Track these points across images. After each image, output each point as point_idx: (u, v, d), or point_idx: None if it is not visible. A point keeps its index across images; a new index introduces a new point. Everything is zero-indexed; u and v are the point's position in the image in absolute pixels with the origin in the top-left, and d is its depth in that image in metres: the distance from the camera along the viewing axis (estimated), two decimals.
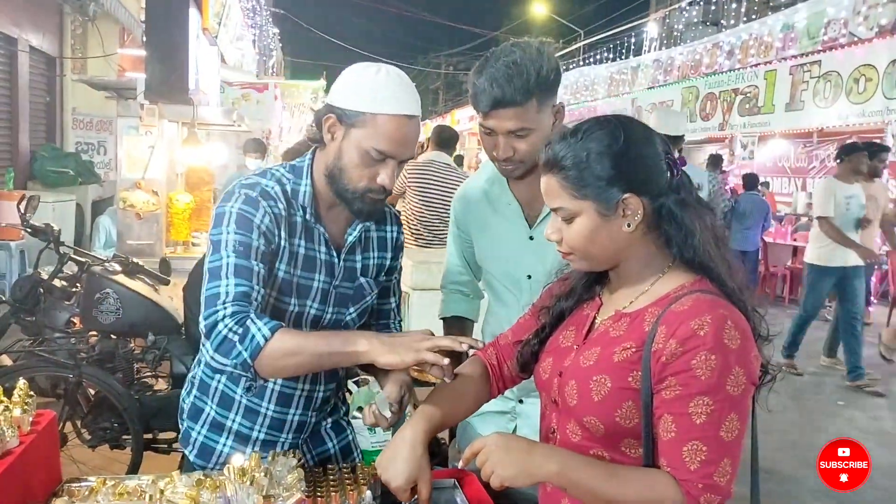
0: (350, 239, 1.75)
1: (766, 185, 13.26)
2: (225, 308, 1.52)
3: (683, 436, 1.22)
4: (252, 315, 1.51)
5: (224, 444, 1.80)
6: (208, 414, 1.82)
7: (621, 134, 1.31)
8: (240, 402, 1.79)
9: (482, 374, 1.61)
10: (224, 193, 1.68)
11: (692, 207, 1.34)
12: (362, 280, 1.79)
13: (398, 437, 1.45)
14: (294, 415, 1.81)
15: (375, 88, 1.58)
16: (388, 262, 1.85)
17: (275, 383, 1.77)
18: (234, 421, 1.80)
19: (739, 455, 1.24)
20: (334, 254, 1.74)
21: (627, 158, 1.30)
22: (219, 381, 1.80)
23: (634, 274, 1.38)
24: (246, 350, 1.49)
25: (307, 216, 1.69)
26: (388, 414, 1.59)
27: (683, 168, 1.38)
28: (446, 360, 1.44)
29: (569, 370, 1.39)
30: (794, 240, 11.50)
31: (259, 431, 1.80)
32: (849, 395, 6.42)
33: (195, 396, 1.85)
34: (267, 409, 1.78)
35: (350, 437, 1.97)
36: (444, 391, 1.53)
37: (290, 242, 1.67)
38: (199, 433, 1.83)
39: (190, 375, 1.89)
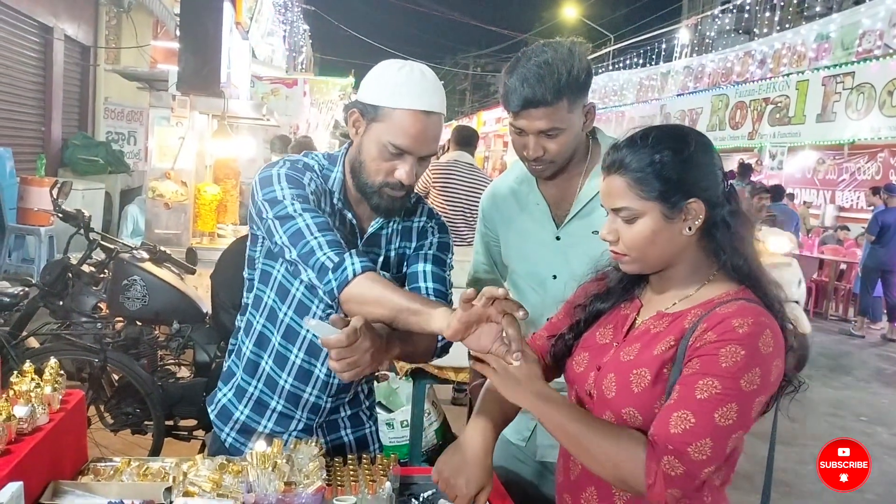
0: (370, 230, 1.77)
1: (792, 196, 13.13)
2: (316, 238, 1.57)
3: (680, 404, 1.27)
4: (353, 253, 1.55)
5: (241, 412, 1.85)
6: (237, 379, 1.88)
7: (692, 141, 1.37)
8: (263, 370, 1.83)
9: None
10: (265, 167, 1.74)
11: (742, 218, 1.39)
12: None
13: (466, 442, 1.44)
14: (310, 395, 1.82)
15: (395, 84, 1.62)
16: (410, 251, 1.84)
17: (296, 357, 1.79)
18: (255, 388, 1.84)
19: (725, 448, 1.26)
20: (359, 243, 1.76)
21: (694, 165, 1.36)
22: (247, 348, 1.85)
23: (680, 279, 1.42)
24: (335, 279, 1.53)
25: (335, 200, 1.74)
26: (337, 330, 1.42)
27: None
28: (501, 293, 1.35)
29: (608, 365, 1.42)
30: (822, 252, 11.37)
31: (277, 402, 1.83)
32: (872, 410, 6.35)
33: (232, 361, 1.92)
34: (286, 381, 1.81)
35: (367, 430, 1.97)
36: (495, 394, 1.52)
37: (328, 214, 1.70)
38: (224, 395, 1.90)
39: (231, 341, 1.95)
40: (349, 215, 1.75)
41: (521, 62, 1.77)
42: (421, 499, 1.65)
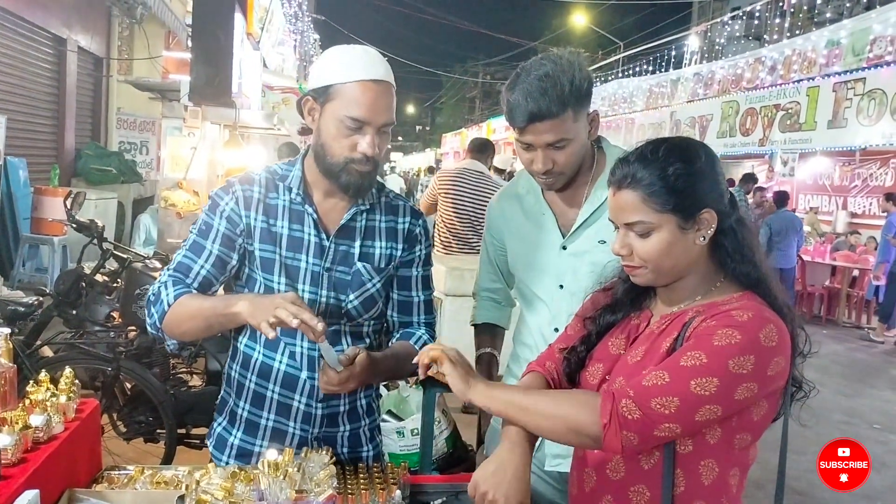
0: (341, 222, 1.78)
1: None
2: (165, 275, 1.73)
3: (661, 367, 1.29)
4: (169, 283, 1.70)
5: (235, 436, 1.85)
6: (229, 405, 1.88)
7: (702, 153, 1.40)
8: (249, 388, 1.83)
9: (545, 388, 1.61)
10: None
11: (746, 225, 1.43)
12: (359, 265, 1.80)
13: (504, 457, 1.43)
14: (299, 402, 1.81)
15: (341, 62, 1.68)
16: (399, 253, 1.86)
17: (279, 363, 1.79)
18: (244, 409, 1.84)
19: (693, 414, 1.27)
20: (324, 236, 1.77)
21: (705, 176, 1.38)
22: (235, 372, 1.86)
23: (689, 289, 1.44)
24: (157, 312, 1.70)
25: (293, 196, 1.77)
26: (338, 367, 1.61)
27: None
28: (319, 326, 1.50)
29: (616, 370, 1.44)
30: (833, 259, 11.31)
31: (267, 419, 1.82)
32: (886, 418, 6.30)
33: (224, 389, 1.92)
34: (273, 391, 1.81)
35: (366, 453, 1.93)
36: None
37: (270, 223, 1.75)
38: (219, 424, 1.90)
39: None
40: (310, 210, 1.76)
41: (521, 77, 1.78)
42: None
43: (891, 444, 5.64)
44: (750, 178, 11.95)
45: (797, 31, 15.72)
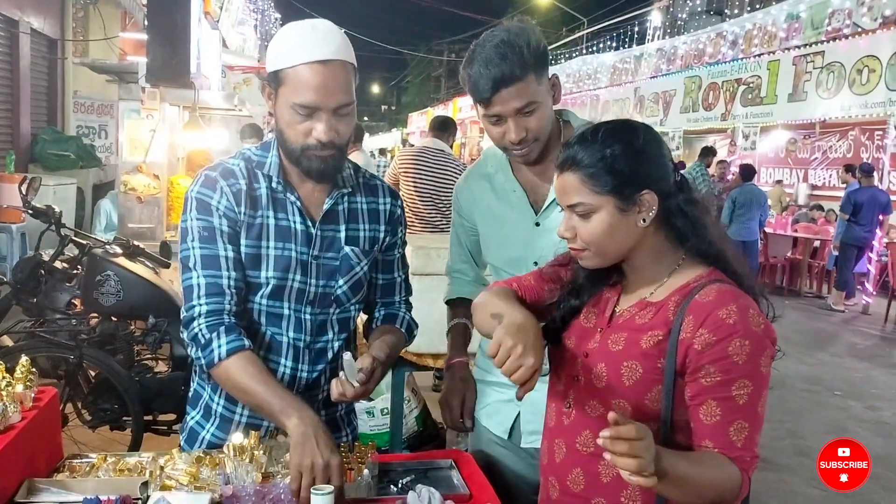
0: (325, 207, 1.73)
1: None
2: (200, 304, 1.62)
3: (729, 416, 1.31)
4: (225, 324, 1.62)
5: (208, 431, 1.79)
6: (204, 399, 1.82)
7: (641, 135, 1.40)
8: None
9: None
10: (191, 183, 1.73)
11: (699, 204, 1.44)
12: (347, 249, 1.76)
13: (518, 316, 1.38)
14: None
15: (287, 45, 1.61)
16: (381, 235, 1.83)
17: (257, 355, 1.74)
18: (218, 404, 1.79)
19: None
20: (309, 223, 1.72)
21: (645, 157, 1.39)
22: None
23: (647, 266, 1.45)
24: (205, 358, 1.62)
25: (274, 184, 1.71)
26: (355, 383, 1.57)
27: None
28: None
29: (596, 352, 1.44)
30: (795, 230, 11.52)
31: (241, 414, 1.77)
32: (847, 385, 6.46)
33: (197, 382, 1.85)
34: None
35: (345, 438, 1.90)
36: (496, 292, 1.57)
37: (255, 216, 1.68)
38: (192, 418, 1.84)
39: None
40: (292, 198, 1.71)
41: (477, 50, 1.76)
42: (399, 485, 1.66)
43: (851, 410, 5.79)
44: (709, 152, 12.13)
45: (757, 6, 15.85)
